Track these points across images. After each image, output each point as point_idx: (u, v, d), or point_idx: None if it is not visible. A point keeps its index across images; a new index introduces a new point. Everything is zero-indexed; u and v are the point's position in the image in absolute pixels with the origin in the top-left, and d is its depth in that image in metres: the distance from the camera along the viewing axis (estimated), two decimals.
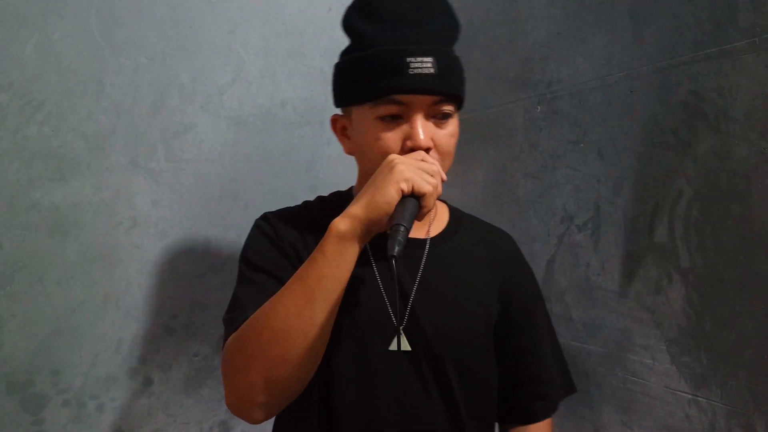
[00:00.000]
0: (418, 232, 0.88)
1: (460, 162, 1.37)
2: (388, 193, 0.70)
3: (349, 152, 0.88)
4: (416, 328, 0.82)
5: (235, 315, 0.78)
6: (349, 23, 0.85)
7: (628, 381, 0.94)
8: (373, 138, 0.80)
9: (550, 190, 1.10)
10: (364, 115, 0.81)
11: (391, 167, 0.72)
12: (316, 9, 1.32)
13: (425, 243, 0.88)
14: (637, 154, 0.92)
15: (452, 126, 0.83)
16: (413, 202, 0.71)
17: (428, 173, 0.73)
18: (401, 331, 0.80)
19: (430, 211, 0.74)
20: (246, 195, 1.23)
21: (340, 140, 0.89)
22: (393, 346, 0.80)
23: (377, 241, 0.77)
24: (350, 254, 0.72)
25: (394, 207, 0.70)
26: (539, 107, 1.13)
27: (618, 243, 0.96)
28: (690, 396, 0.84)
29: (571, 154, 1.05)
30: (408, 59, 0.77)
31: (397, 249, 0.66)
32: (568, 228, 1.06)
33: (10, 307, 1.00)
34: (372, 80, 0.79)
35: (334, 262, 0.71)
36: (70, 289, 1.05)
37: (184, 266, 1.16)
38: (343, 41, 0.87)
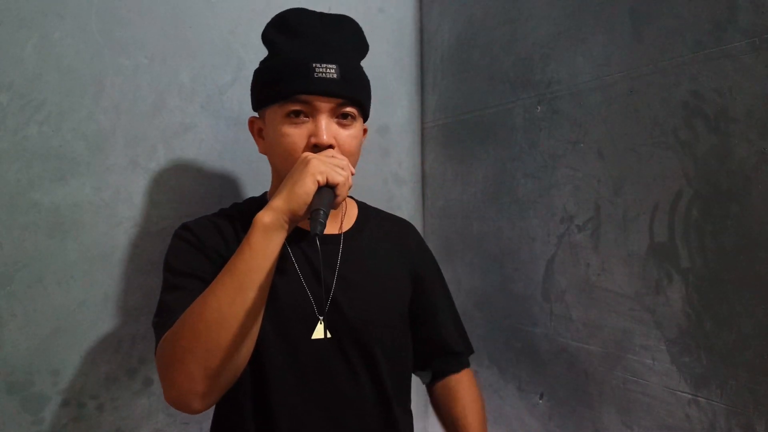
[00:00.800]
0: (331, 228, 0.97)
1: (460, 162, 1.38)
2: (306, 184, 0.78)
3: (263, 152, 0.96)
4: (338, 316, 0.89)
5: (165, 318, 0.81)
6: (265, 36, 0.94)
7: (628, 381, 0.94)
8: (282, 134, 0.88)
9: (550, 190, 1.10)
10: (275, 114, 0.89)
11: (306, 162, 0.80)
12: (316, 9, 1.32)
13: (339, 238, 0.97)
14: (637, 154, 0.92)
15: (355, 129, 0.92)
16: (328, 192, 0.79)
17: (339, 167, 0.81)
18: (322, 320, 0.89)
19: (344, 199, 0.84)
20: (246, 195, 1.23)
21: (256, 140, 0.98)
22: (315, 335, 0.87)
23: (294, 236, 0.89)
24: (275, 243, 0.79)
25: (312, 197, 0.78)
26: (539, 107, 1.13)
27: (618, 243, 0.96)
28: (690, 396, 0.84)
29: (571, 154, 1.05)
30: (314, 65, 0.86)
31: (320, 228, 0.73)
32: (568, 228, 1.06)
33: (10, 307, 1.00)
34: (281, 83, 0.88)
35: (261, 253, 0.77)
36: (70, 289, 1.05)
37: None
38: None
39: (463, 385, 1.04)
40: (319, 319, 0.88)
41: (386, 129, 1.47)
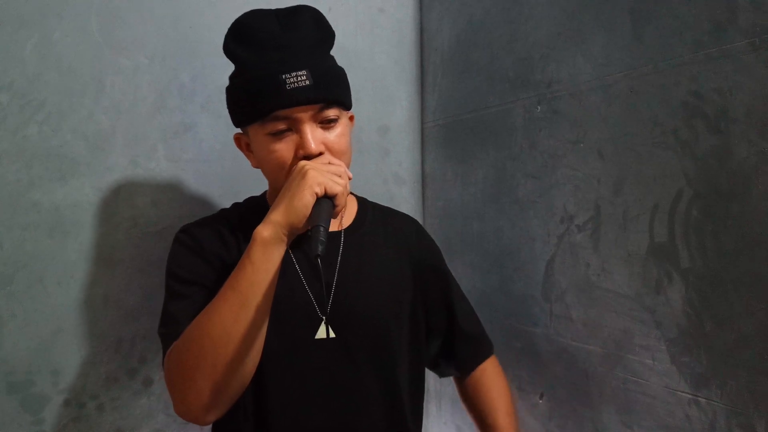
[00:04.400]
0: (331, 225, 0.94)
1: (460, 162, 1.38)
2: (304, 197, 0.77)
3: (256, 166, 0.94)
4: (340, 315, 0.89)
5: (171, 329, 0.81)
6: (227, 49, 0.90)
7: (628, 381, 0.94)
8: (268, 152, 0.86)
9: (550, 190, 1.10)
10: (256, 133, 0.87)
11: (303, 174, 0.78)
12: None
13: (340, 234, 0.95)
14: (637, 154, 0.92)
15: (341, 127, 0.89)
16: (327, 203, 0.78)
17: (336, 175, 0.80)
18: (325, 320, 0.88)
19: (342, 209, 0.83)
20: (246, 195, 1.22)
21: (247, 156, 0.95)
22: (318, 335, 0.86)
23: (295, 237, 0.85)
24: (276, 258, 0.78)
25: (310, 210, 0.77)
26: (539, 107, 1.13)
27: (618, 243, 0.96)
28: (690, 396, 0.84)
29: (571, 154, 1.05)
30: (283, 76, 0.82)
31: (321, 249, 0.71)
32: (568, 228, 1.06)
33: (10, 307, 1.00)
34: (255, 102, 0.85)
35: (263, 267, 0.77)
36: (70, 289, 1.05)
37: None
38: (343, 41, 0.87)
39: (488, 375, 1.04)
40: (321, 319, 0.88)
41: (386, 129, 1.47)
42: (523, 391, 1.17)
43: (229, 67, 1.22)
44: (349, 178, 0.85)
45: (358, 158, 1.04)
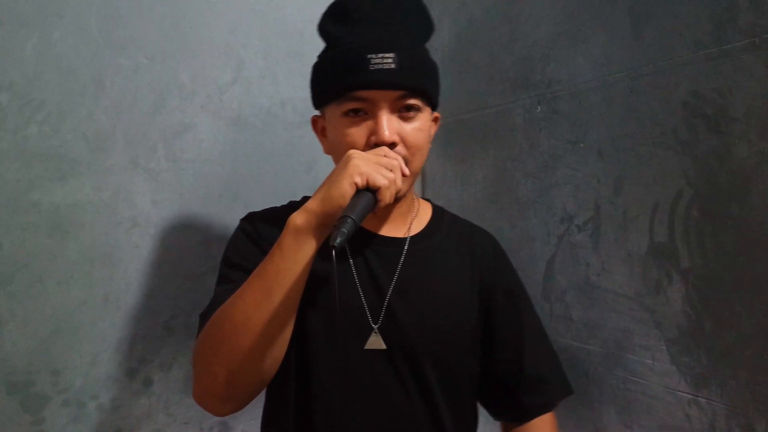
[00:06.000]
0: (397, 231, 0.90)
1: (460, 162, 1.38)
2: (342, 186, 0.72)
3: (327, 152, 0.90)
4: (392, 327, 0.83)
5: (210, 310, 0.79)
6: (321, 27, 0.88)
7: (628, 381, 0.94)
8: (341, 134, 0.82)
9: (550, 190, 1.10)
10: (333, 113, 0.84)
11: (347, 161, 0.74)
12: (316, 9, 1.31)
13: (404, 242, 0.89)
14: (637, 154, 0.92)
15: (420, 121, 0.84)
16: (368, 196, 0.73)
17: (386, 167, 0.74)
18: (377, 330, 0.82)
19: (387, 204, 0.75)
20: (246, 195, 1.23)
21: (320, 140, 0.92)
22: (368, 345, 0.82)
23: (356, 238, 0.78)
24: (307, 248, 0.73)
25: (347, 200, 0.71)
26: (539, 107, 1.13)
27: (618, 243, 0.96)
28: (690, 396, 0.84)
29: (571, 154, 1.05)
30: (369, 56, 0.79)
31: (339, 240, 0.66)
32: (568, 228, 1.06)
33: (10, 307, 1.00)
34: (336, 79, 0.82)
35: (292, 257, 0.72)
36: (70, 289, 1.05)
37: (184, 266, 1.16)
38: None
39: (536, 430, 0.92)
40: (373, 329, 0.83)
41: None
42: None
43: (229, 68, 1.22)
44: (405, 175, 0.79)
45: (427, 153, 0.98)
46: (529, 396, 0.92)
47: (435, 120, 0.92)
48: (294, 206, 0.92)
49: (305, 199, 0.94)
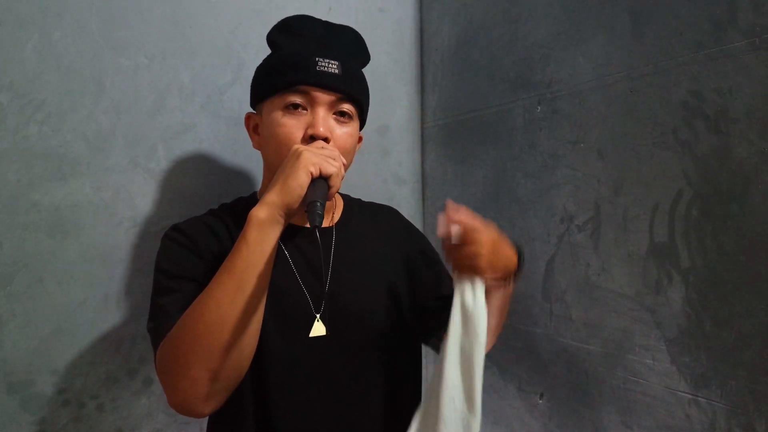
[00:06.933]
0: (324, 221, 0.94)
1: (460, 162, 1.38)
2: (300, 176, 0.76)
3: (257, 147, 0.96)
4: (334, 312, 0.89)
5: (161, 322, 0.80)
6: (270, 38, 0.96)
7: (628, 381, 0.94)
8: (279, 125, 0.88)
9: (550, 190, 1.10)
10: (274, 106, 0.89)
11: (298, 155, 0.79)
12: (316, 9, 1.32)
13: (332, 230, 0.96)
14: (637, 154, 0.92)
15: (352, 127, 0.92)
16: (322, 183, 0.78)
17: (331, 157, 0.80)
18: (318, 318, 0.88)
19: (337, 190, 0.82)
20: (246, 195, 1.23)
21: (251, 136, 0.98)
22: (313, 333, 0.87)
23: (287, 232, 0.83)
24: (271, 238, 0.77)
25: (305, 189, 0.77)
26: (539, 107, 1.13)
27: (618, 243, 0.96)
28: (690, 396, 0.84)
29: (571, 154, 1.05)
30: (317, 59, 0.88)
31: (318, 221, 0.72)
32: (568, 228, 1.06)
33: (10, 307, 1.00)
34: (283, 74, 0.88)
35: (259, 249, 0.76)
36: (70, 289, 1.05)
37: None
38: None
39: None
40: (315, 317, 0.88)
41: (386, 129, 1.47)
42: (523, 391, 1.17)
43: (229, 67, 1.22)
44: (344, 164, 0.85)
45: (358, 158, 1.03)
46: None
47: (359, 138, 0.99)
48: (216, 213, 0.96)
49: (223, 205, 1.00)
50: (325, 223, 0.96)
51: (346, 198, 1.06)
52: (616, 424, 0.96)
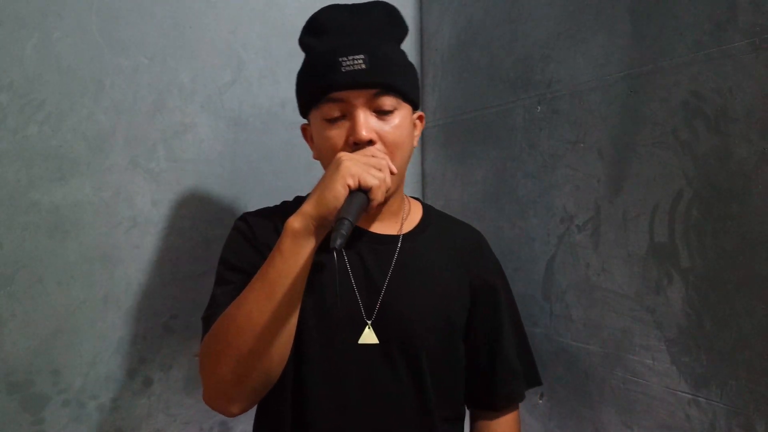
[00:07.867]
0: (389, 228, 0.93)
1: (460, 162, 1.38)
2: (335, 188, 0.74)
3: (316, 158, 0.93)
4: (386, 321, 0.85)
5: (211, 313, 0.81)
6: (300, 41, 0.92)
7: (628, 381, 0.94)
8: (323, 138, 0.85)
9: (550, 190, 1.10)
10: (315, 118, 0.87)
11: (338, 164, 0.76)
12: (317, 9, 1.32)
13: (398, 239, 0.92)
14: (637, 154, 0.92)
15: (398, 118, 0.86)
16: (361, 196, 0.75)
17: (375, 167, 0.77)
18: (370, 325, 0.85)
19: (379, 203, 0.78)
20: (246, 195, 1.23)
21: (310, 147, 0.94)
22: (362, 339, 0.84)
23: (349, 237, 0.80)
24: (306, 250, 0.76)
25: (341, 202, 0.74)
26: (539, 107, 1.13)
27: (618, 243, 0.96)
28: (690, 396, 0.84)
29: (571, 154, 1.05)
30: (340, 59, 0.82)
31: (339, 242, 0.68)
32: (568, 228, 1.06)
33: (10, 307, 1.00)
34: (312, 83, 0.85)
35: (292, 259, 0.75)
36: (70, 289, 1.05)
37: (184, 266, 1.16)
38: None
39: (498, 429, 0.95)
40: (367, 324, 0.85)
41: None
42: None
43: (229, 68, 1.22)
44: (392, 173, 0.81)
45: (411, 150, 0.99)
46: (497, 389, 0.95)
47: (420, 119, 0.95)
48: (287, 205, 0.94)
49: (298, 198, 0.96)
50: (393, 231, 0.92)
51: (426, 209, 1.01)
52: (616, 424, 0.96)
